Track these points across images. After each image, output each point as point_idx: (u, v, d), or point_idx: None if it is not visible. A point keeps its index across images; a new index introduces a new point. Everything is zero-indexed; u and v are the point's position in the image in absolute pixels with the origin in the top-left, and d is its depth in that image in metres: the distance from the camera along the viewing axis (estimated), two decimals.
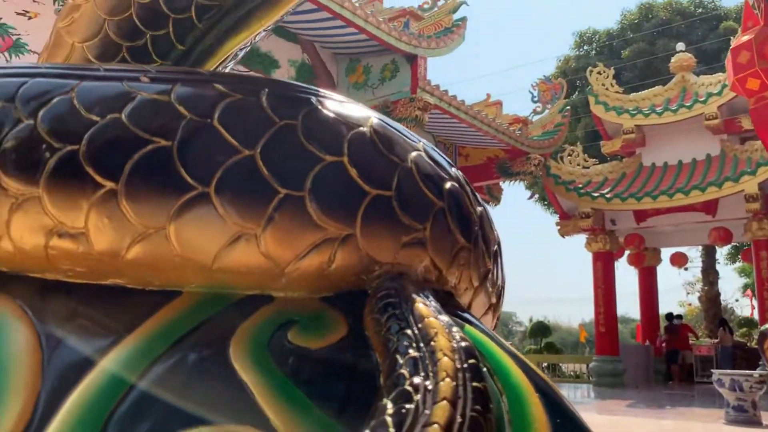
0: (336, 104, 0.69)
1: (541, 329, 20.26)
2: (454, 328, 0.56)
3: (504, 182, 12.55)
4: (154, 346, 0.55)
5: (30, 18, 6.72)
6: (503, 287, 0.85)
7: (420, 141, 0.75)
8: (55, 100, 0.62)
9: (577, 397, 11.63)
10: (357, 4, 8.56)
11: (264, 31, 1.09)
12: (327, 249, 0.62)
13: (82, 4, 1.01)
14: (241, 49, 1.10)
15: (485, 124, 10.78)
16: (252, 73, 0.70)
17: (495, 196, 12.87)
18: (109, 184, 0.58)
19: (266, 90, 0.66)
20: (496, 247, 0.80)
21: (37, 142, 0.59)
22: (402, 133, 0.73)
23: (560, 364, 16.68)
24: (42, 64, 0.67)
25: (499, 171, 12.23)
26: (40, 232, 0.59)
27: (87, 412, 0.49)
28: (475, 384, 0.51)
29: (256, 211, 0.60)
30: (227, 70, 1.11)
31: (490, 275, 0.78)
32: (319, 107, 0.67)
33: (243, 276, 0.61)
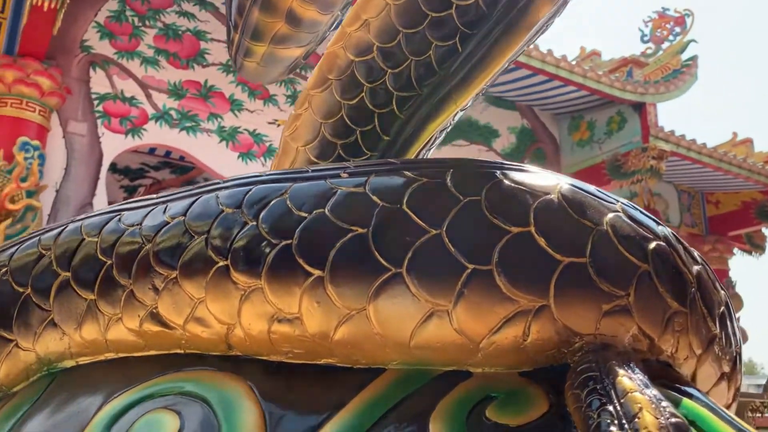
0: (522, 174, 0.70)
1: None
2: (664, 403, 0.52)
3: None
4: (361, 422, 0.58)
5: (278, 125, 7.72)
6: (739, 353, 0.76)
7: (618, 202, 0.72)
8: (272, 203, 0.71)
9: None
10: (573, 62, 8.44)
11: (461, 111, 1.14)
12: (521, 322, 0.62)
13: (302, 113, 1.16)
14: (441, 131, 1.16)
15: (734, 165, 9.73)
16: (443, 157, 0.73)
17: (757, 245, 11.39)
18: (316, 272, 0.65)
19: (451, 170, 0.69)
20: (723, 308, 0.72)
21: (259, 240, 0.69)
22: (596, 196, 0.70)
23: None
24: (265, 173, 0.78)
25: (758, 215, 10.85)
26: (263, 318, 0.67)
27: None
28: None
29: (446, 288, 0.62)
30: (430, 154, 1.18)
31: (717, 340, 0.70)
32: (504, 180, 0.68)
33: (439, 352, 0.63)
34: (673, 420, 0.50)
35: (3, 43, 6.82)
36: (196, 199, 0.77)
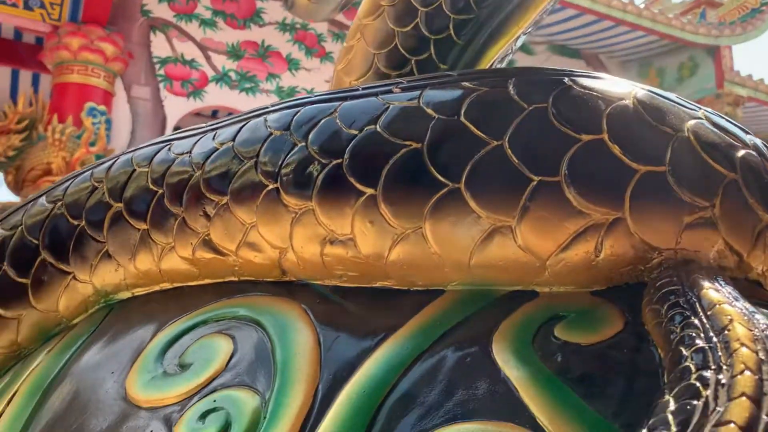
0: (593, 81, 0.64)
1: None
2: (758, 316, 0.46)
3: None
4: (417, 344, 0.55)
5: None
6: None
7: (701, 109, 0.65)
8: (321, 122, 0.67)
9: None
10: (641, 5, 8.03)
11: (523, 34, 1.06)
12: (592, 237, 0.56)
13: (353, 44, 1.11)
14: (502, 59, 1.09)
15: None
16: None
17: None
18: (369, 191, 0.61)
19: (514, 78, 0.63)
20: None
21: (308, 161, 0.65)
22: (676, 102, 0.64)
23: None
24: (313, 94, 0.74)
25: None
26: (315, 241, 0.64)
27: (358, 404, 0.51)
28: None
29: (509, 203, 0.57)
30: None
31: None
32: (573, 86, 0.62)
33: (502, 271, 0.58)
34: None
35: (67, 11, 6.99)
36: (245, 124, 0.74)
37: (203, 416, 0.54)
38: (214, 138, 0.76)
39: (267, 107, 0.76)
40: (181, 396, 0.58)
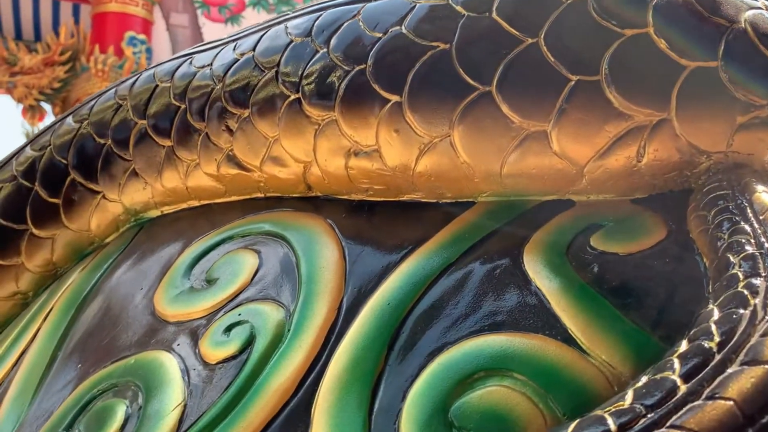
0: None
1: None
2: None
3: None
4: (444, 256, 0.53)
5: None
6: None
7: None
8: (344, 26, 0.63)
9: None
10: None
11: None
12: (635, 140, 0.52)
13: None
14: None
15: None
16: None
17: None
18: (394, 98, 0.58)
19: None
20: None
21: (330, 68, 0.62)
22: None
23: None
24: None
25: None
26: (339, 153, 0.61)
27: (383, 317, 0.49)
28: None
29: (544, 105, 0.53)
30: None
31: None
32: None
33: (536, 180, 0.55)
34: None
35: None
36: (265, 33, 0.71)
37: (228, 329, 0.53)
38: (234, 49, 0.73)
39: (288, 13, 0.72)
40: (207, 310, 0.57)
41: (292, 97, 0.64)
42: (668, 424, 0.31)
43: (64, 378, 0.60)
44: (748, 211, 0.44)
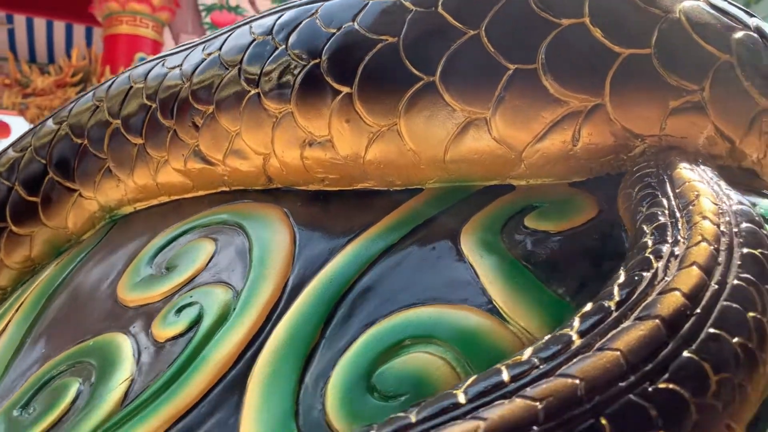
0: None
1: None
2: (732, 193, 0.44)
3: None
4: (388, 238, 0.54)
5: None
6: None
7: None
8: (303, 24, 0.66)
9: None
10: None
11: None
12: (570, 125, 0.54)
13: None
14: None
15: None
16: None
17: None
18: (345, 89, 0.60)
19: None
20: None
21: (288, 64, 0.64)
22: None
23: None
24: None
25: None
26: (295, 144, 0.63)
27: (323, 294, 0.51)
28: (747, 250, 0.38)
29: (484, 94, 0.55)
30: None
31: None
32: None
33: (478, 165, 0.57)
34: (738, 207, 0.42)
35: None
36: (232, 33, 0.74)
37: (180, 310, 0.55)
38: (203, 50, 0.75)
39: (255, 15, 0.75)
40: (163, 294, 0.59)
41: (253, 92, 0.66)
42: (557, 373, 0.33)
43: (28, 361, 0.62)
44: (668, 185, 0.45)
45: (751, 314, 0.35)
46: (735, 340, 0.34)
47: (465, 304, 0.45)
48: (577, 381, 0.32)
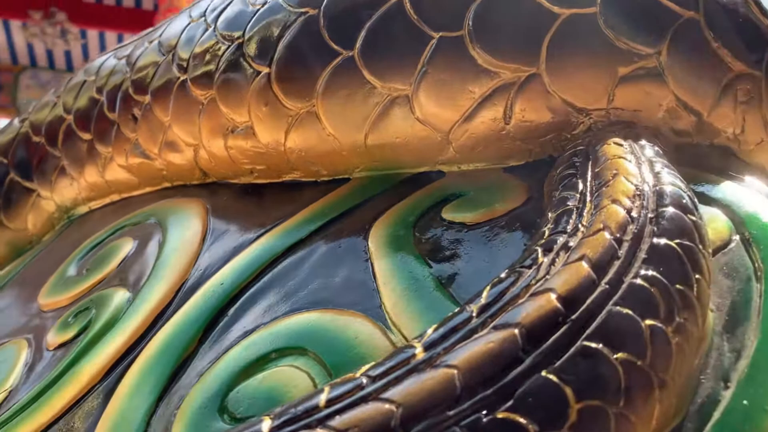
0: None
1: None
2: (665, 172, 0.35)
3: None
4: (296, 234, 0.48)
5: None
6: None
7: None
8: (232, 3, 0.61)
9: None
10: None
11: None
12: (500, 100, 0.46)
13: None
14: None
15: None
16: None
17: None
18: (264, 69, 0.54)
19: None
20: None
21: (214, 46, 0.59)
22: None
23: None
24: None
25: None
26: (219, 132, 0.58)
27: (212, 298, 0.45)
28: (660, 241, 0.30)
29: (407, 68, 0.48)
30: None
31: None
32: None
33: (402, 150, 0.50)
34: (666, 188, 0.33)
35: None
36: (174, 20, 0.69)
37: (76, 315, 0.51)
38: (150, 38, 0.71)
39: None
40: (71, 298, 0.55)
41: (181, 78, 0.61)
42: (379, 396, 0.26)
43: None
44: (589, 165, 0.37)
45: (648, 322, 0.27)
46: (617, 356, 0.26)
47: (354, 309, 0.39)
48: (394, 408, 0.25)
